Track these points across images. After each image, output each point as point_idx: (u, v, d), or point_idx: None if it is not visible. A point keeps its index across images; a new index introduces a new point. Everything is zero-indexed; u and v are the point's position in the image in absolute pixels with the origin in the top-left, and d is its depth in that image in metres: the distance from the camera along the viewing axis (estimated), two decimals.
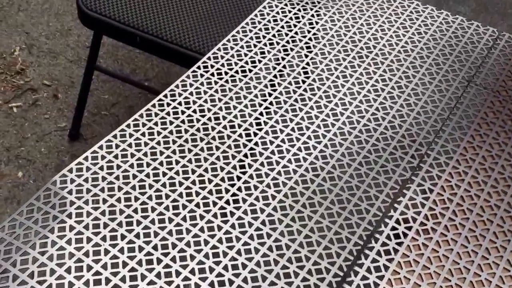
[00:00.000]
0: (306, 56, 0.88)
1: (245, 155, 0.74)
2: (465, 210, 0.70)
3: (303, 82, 0.84)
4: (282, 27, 0.92)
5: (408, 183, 0.72)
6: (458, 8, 2.48)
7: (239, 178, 0.72)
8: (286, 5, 0.95)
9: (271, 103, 0.80)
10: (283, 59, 0.87)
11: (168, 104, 0.79)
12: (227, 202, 0.69)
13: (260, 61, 0.86)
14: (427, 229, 0.68)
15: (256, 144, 0.75)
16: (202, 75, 0.83)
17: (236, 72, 0.85)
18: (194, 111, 0.78)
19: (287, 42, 0.90)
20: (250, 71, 0.85)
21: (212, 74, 0.84)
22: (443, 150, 0.76)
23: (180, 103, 0.79)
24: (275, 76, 0.84)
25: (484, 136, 0.78)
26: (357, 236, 0.66)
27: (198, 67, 0.85)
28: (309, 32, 0.91)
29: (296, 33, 0.91)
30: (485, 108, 0.81)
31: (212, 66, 0.85)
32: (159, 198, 0.69)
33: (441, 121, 0.79)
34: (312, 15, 0.94)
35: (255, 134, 0.76)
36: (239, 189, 0.70)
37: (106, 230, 0.65)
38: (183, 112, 0.78)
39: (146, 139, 0.74)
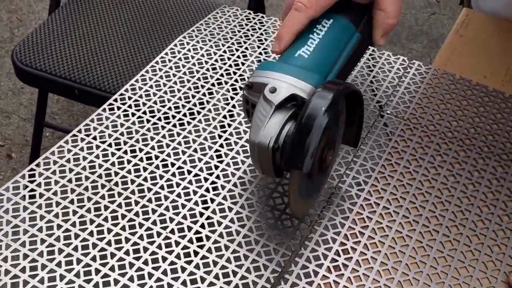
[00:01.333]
0: (218, 92, 0.86)
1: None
2: (376, 243, 0.68)
3: (213, 119, 0.82)
4: (194, 64, 0.90)
5: (318, 218, 0.70)
6: (410, 45, 2.52)
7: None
8: (198, 42, 0.94)
9: (179, 143, 0.78)
10: (193, 96, 0.85)
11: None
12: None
13: (169, 100, 0.84)
14: (338, 266, 0.66)
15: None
16: (107, 118, 0.80)
17: (144, 112, 0.82)
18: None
19: (198, 79, 0.88)
20: (159, 111, 0.82)
21: (119, 116, 0.81)
22: (355, 182, 0.74)
23: (82, 149, 0.76)
24: (184, 114, 0.82)
25: (395, 165, 0.77)
26: (264, 280, 0.64)
27: (104, 110, 0.82)
28: (220, 68, 0.90)
29: (207, 69, 0.89)
30: (396, 136, 0.80)
31: (118, 108, 0.82)
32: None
33: (352, 152, 0.78)
34: (225, 51, 0.92)
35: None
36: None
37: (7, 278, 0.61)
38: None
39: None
